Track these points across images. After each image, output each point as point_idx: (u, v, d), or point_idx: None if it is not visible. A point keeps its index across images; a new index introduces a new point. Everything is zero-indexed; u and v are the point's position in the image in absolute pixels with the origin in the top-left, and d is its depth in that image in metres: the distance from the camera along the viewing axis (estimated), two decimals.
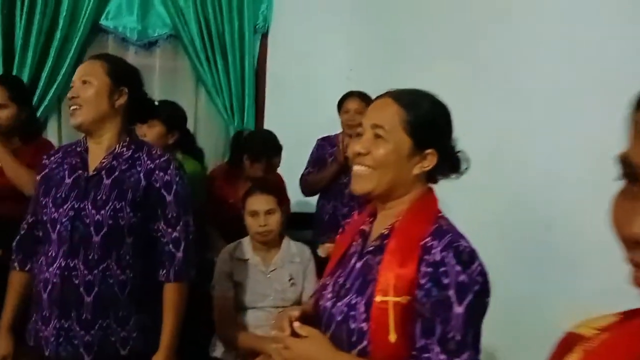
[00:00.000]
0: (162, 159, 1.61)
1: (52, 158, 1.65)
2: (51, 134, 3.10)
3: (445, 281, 0.99)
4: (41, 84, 3.04)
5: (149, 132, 2.40)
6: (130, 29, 3.20)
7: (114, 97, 1.57)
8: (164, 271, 1.61)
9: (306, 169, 2.91)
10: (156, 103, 1.77)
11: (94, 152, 1.60)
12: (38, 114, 2.92)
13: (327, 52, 3.41)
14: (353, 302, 1.06)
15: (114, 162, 1.58)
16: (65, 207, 1.55)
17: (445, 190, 1.15)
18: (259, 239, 2.17)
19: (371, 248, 1.11)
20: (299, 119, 3.33)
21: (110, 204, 1.54)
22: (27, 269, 1.66)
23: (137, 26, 3.20)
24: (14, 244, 1.69)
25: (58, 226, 1.54)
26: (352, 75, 3.27)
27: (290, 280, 2.17)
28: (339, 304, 1.09)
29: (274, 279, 2.15)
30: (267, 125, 3.43)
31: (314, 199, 2.97)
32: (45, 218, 1.57)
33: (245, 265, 2.18)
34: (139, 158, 1.60)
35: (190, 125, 3.29)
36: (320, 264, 2.27)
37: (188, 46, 3.23)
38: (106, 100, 1.56)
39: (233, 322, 2.10)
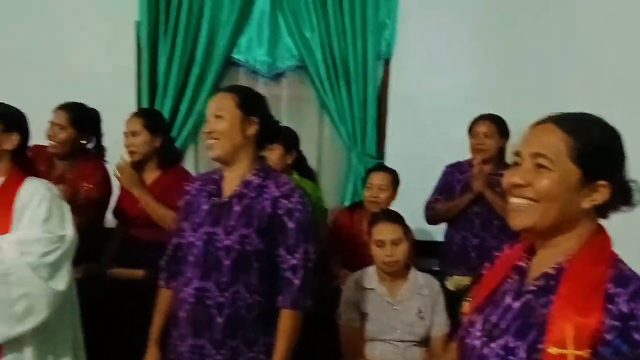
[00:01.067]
0: (287, 187, 1.66)
1: (194, 184, 1.76)
2: (189, 163, 3.31)
3: (637, 337, 0.88)
4: (180, 115, 3.29)
5: (271, 154, 2.48)
6: (260, 62, 3.35)
7: (245, 128, 1.64)
8: (281, 297, 1.64)
9: (432, 195, 2.82)
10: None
11: (229, 180, 1.68)
12: (177, 143, 3.14)
13: (452, 75, 3.33)
14: (511, 345, 0.97)
15: (244, 190, 1.65)
16: (200, 231, 1.64)
17: (613, 225, 1.03)
18: (385, 269, 2.13)
19: (533, 288, 1.01)
20: (422, 144, 3.29)
21: (238, 230, 1.60)
22: (172, 286, 1.77)
23: (266, 59, 3.34)
24: (162, 262, 1.81)
25: (194, 249, 1.64)
26: (477, 98, 3.17)
27: (418, 313, 2.10)
28: (493, 345, 1.01)
29: (402, 312, 2.10)
30: (390, 150, 3.41)
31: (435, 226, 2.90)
32: (184, 241, 1.68)
33: (371, 295, 2.15)
34: (267, 186, 1.65)
35: (313, 152, 3.40)
36: (450, 297, 2.19)
37: (313, 75, 3.32)
38: (239, 132, 1.64)
39: (360, 353, 2.08)
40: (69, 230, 1.75)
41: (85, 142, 2.62)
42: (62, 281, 1.70)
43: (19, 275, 1.62)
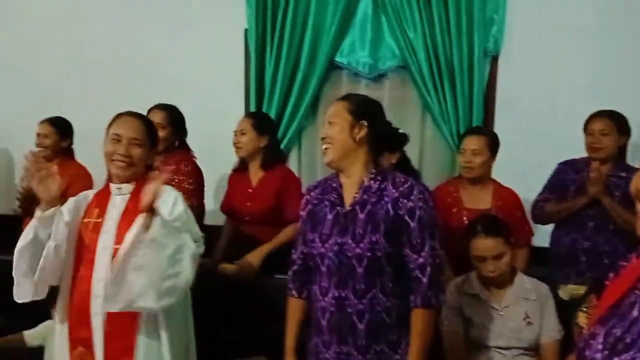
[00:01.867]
0: (405, 186, 1.66)
1: (312, 193, 1.80)
2: (292, 165, 3.40)
3: None
4: (285, 119, 3.39)
5: None
6: (363, 64, 3.36)
7: (354, 131, 1.67)
8: (412, 297, 1.65)
9: (542, 194, 2.68)
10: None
11: (347, 187, 1.72)
12: (282, 145, 3.24)
13: (564, 71, 3.14)
14: None
15: (365, 196, 1.67)
16: (330, 242, 1.68)
17: None
18: (489, 281, 2.06)
19: None
20: (531, 144, 3.13)
21: (367, 237, 1.63)
22: (303, 296, 1.82)
23: (368, 60, 3.35)
24: (291, 274, 1.85)
25: (326, 260, 1.68)
26: (595, 94, 2.96)
27: (525, 319, 2.01)
28: (616, 359, 0.94)
29: (508, 317, 2.02)
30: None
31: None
32: (314, 252, 1.72)
33: (475, 300, 2.08)
34: (386, 188, 1.67)
35: (415, 153, 3.35)
36: (563, 307, 2.07)
37: (416, 75, 3.28)
38: (348, 135, 1.67)
39: (463, 359, 2.02)
40: (198, 230, 1.89)
41: (176, 139, 2.84)
42: (192, 276, 1.79)
43: (181, 256, 1.72)
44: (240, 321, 2.46)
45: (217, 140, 3.06)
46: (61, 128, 3.13)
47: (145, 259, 1.69)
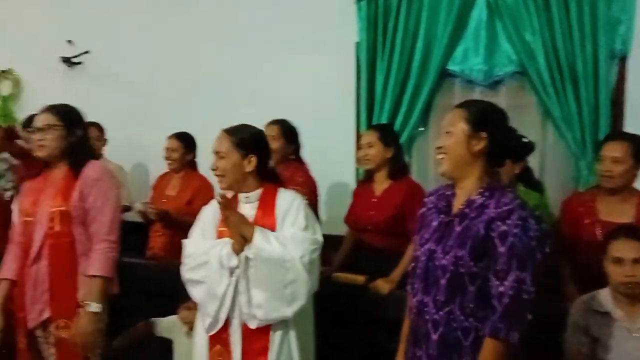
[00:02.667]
0: (506, 208, 1.54)
1: (430, 198, 1.78)
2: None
3: None
4: (395, 128, 3.37)
5: None
6: (477, 71, 3.27)
7: (471, 143, 1.59)
8: (487, 322, 1.55)
9: None
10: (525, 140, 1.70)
11: (458, 197, 1.66)
12: None
13: None
14: None
15: (467, 210, 1.61)
16: (425, 247, 1.66)
17: None
18: (623, 290, 1.90)
19: None
20: None
21: (453, 251, 1.57)
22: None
23: (483, 67, 3.26)
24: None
25: (419, 263, 1.67)
26: None
27: None
28: None
29: None
30: None
31: None
32: (414, 253, 1.73)
33: (605, 319, 1.93)
34: (487, 206, 1.57)
35: (536, 161, 3.18)
36: None
37: (535, 80, 3.13)
38: (464, 147, 1.59)
39: None
40: (320, 236, 2.00)
41: (290, 150, 3.00)
42: (316, 279, 1.95)
43: (292, 264, 1.87)
44: (355, 328, 2.48)
45: (329, 153, 3.12)
46: (187, 142, 3.36)
47: (259, 274, 1.86)
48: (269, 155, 2.10)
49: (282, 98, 3.58)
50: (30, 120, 3.85)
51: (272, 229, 1.96)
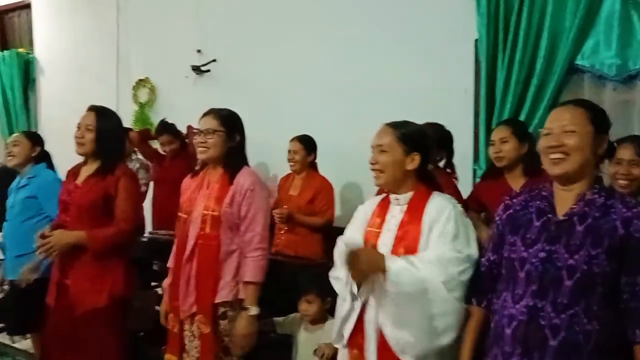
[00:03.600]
0: (638, 208, 1.51)
1: (515, 200, 1.72)
2: None
3: None
4: None
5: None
6: (608, 65, 3.06)
7: (596, 146, 1.55)
8: (631, 330, 1.48)
9: None
10: None
11: (562, 198, 1.59)
12: None
13: None
14: None
15: (586, 209, 1.55)
16: (535, 248, 1.58)
17: None
18: None
19: None
20: None
21: (584, 249, 1.50)
22: (483, 305, 1.75)
23: (615, 61, 3.04)
24: (471, 280, 1.79)
25: (527, 266, 1.57)
26: None
27: None
28: None
29: None
30: None
31: None
32: (513, 256, 1.62)
33: None
34: (613, 206, 1.52)
35: None
36: None
37: None
38: (589, 149, 1.54)
39: None
40: (474, 249, 1.81)
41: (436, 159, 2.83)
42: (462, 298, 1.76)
43: (436, 295, 1.72)
44: None
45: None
46: (308, 144, 3.51)
47: (400, 311, 1.74)
48: (431, 156, 2.01)
49: (401, 97, 3.60)
50: (162, 124, 4.23)
51: (416, 237, 1.83)
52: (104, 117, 2.56)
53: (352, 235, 1.97)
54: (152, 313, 3.18)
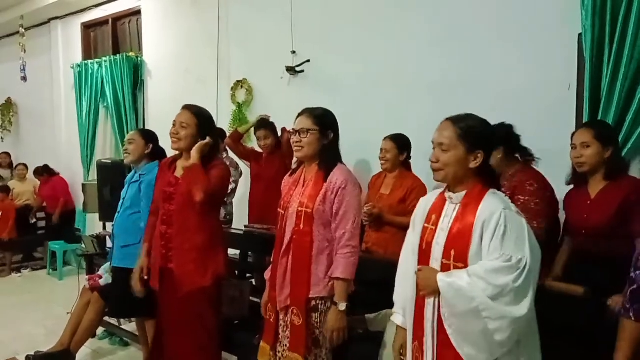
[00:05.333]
0: None
1: None
2: (634, 174, 3.05)
3: None
4: (626, 126, 3.07)
5: None
6: None
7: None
8: None
9: None
10: None
11: None
12: (622, 154, 2.95)
13: None
14: None
15: None
16: None
17: None
18: None
19: None
20: None
21: None
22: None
23: None
24: (629, 293, 1.75)
25: None
26: None
27: None
28: None
29: None
30: None
31: None
32: None
33: None
34: None
35: None
36: None
37: None
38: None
39: None
40: (526, 252, 1.71)
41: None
42: (524, 307, 1.69)
43: (490, 312, 1.68)
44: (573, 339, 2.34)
45: (544, 151, 2.98)
46: (400, 143, 3.51)
47: (458, 329, 1.75)
48: (493, 150, 1.96)
49: (499, 93, 3.52)
50: (261, 120, 4.41)
51: (467, 240, 1.77)
52: (197, 115, 2.75)
53: (408, 244, 2.03)
54: (247, 303, 3.35)
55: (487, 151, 1.85)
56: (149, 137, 3.48)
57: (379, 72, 4.24)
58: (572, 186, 2.74)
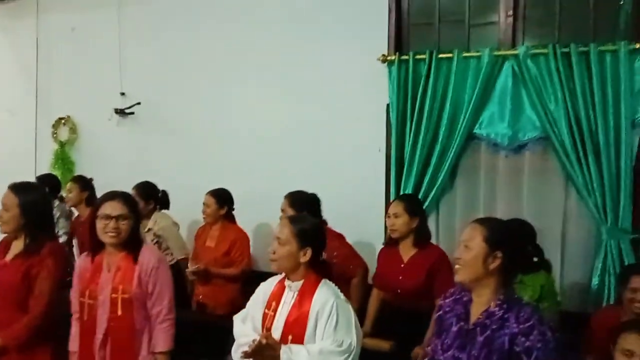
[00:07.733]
0: (527, 324, 1.67)
1: (447, 300, 1.91)
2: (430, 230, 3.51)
3: None
4: (424, 186, 3.55)
5: None
6: (502, 135, 3.41)
7: (488, 261, 1.74)
8: None
9: None
10: None
11: (476, 305, 1.78)
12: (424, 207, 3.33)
13: None
14: None
15: (487, 321, 1.73)
16: (448, 353, 1.78)
17: None
18: None
19: None
20: None
21: None
22: None
23: (508, 132, 3.39)
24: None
25: None
26: None
27: None
28: None
29: None
30: None
31: None
32: (439, 358, 1.82)
33: None
34: (508, 319, 1.69)
35: (558, 226, 3.33)
36: None
37: (558, 147, 3.25)
38: (480, 264, 1.74)
39: None
40: (353, 336, 1.98)
41: None
42: None
43: None
44: None
45: (359, 211, 3.31)
46: (220, 198, 3.61)
47: None
48: (323, 247, 2.19)
49: (320, 151, 3.86)
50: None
51: (304, 322, 2.01)
52: (24, 193, 2.52)
53: (243, 318, 2.18)
54: None
55: (316, 247, 2.10)
56: None
57: (212, 119, 4.31)
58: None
